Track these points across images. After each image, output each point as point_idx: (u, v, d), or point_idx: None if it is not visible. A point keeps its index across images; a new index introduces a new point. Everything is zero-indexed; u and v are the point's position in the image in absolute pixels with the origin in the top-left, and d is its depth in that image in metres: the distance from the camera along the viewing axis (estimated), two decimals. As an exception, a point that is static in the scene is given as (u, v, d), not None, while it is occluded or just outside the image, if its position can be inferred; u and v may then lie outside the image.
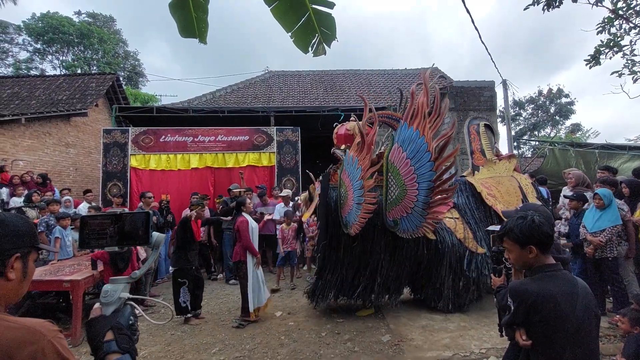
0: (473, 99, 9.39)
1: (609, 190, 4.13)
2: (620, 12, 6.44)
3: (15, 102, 11.12)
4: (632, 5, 6.37)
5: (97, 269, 4.42)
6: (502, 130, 14.57)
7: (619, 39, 6.59)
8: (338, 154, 4.59)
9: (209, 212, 6.80)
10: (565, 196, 5.00)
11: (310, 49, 2.24)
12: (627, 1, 6.34)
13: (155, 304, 5.06)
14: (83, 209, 6.62)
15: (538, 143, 17.25)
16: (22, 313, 4.17)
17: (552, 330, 1.44)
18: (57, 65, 24.00)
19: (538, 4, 6.33)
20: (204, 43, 2.27)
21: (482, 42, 5.14)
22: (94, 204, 6.91)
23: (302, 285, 6.03)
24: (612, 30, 6.57)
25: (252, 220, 4.59)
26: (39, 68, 23.60)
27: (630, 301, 3.34)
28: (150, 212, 1.37)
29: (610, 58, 6.76)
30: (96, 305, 1.16)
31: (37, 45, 23.41)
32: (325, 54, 2.27)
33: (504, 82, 11.19)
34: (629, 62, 6.78)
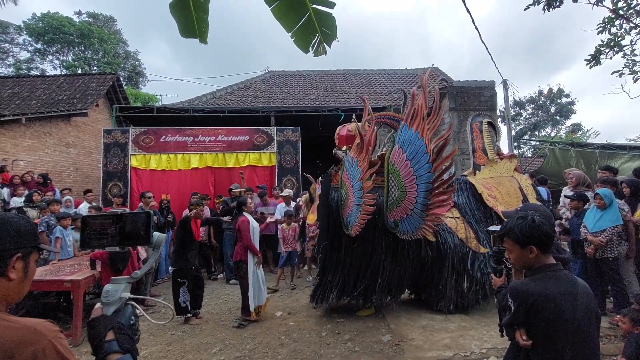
0: (473, 99, 9.38)
1: (610, 190, 4.12)
2: (621, 11, 6.44)
3: (15, 102, 11.13)
4: (632, 5, 6.37)
5: (97, 269, 4.43)
6: (502, 130, 14.55)
7: (620, 38, 6.60)
8: (339, 154, 4.59)
9: (209, 212, 6.81)
10: (566, 196, 4.99)
11: (310, 48, 2.24)
12: (627, 1, 6.34)
13: (156, 303, 5.06)
14: (83, 209, 6.63)
15: (538, 143, 17.25)
16: (23, 313, 4.17)
17: (552, 330, 1.44)
18: (57, 65, 24.06)
19: (538, 4, 6.33)
20: (205, 43, 2.27)
21: (483, 42, 5.15)
22: (95, 204, 6.92)
23: (302, 285, 6.04)
24: (613, 30, 6.58)
25: (253, 220, 4.60)
26: (40, 68, 23.68)
27: (631, 301, 3.33)
28: (151, 212, 1.37)
29: (611, 58, 6.77)
30: (97, 305, 1.16)
31: (38, 46, 23.45)
32: (326, 53, 2.27)
33: (504, 82, 11.18)
34: (630, 61, 6.78)
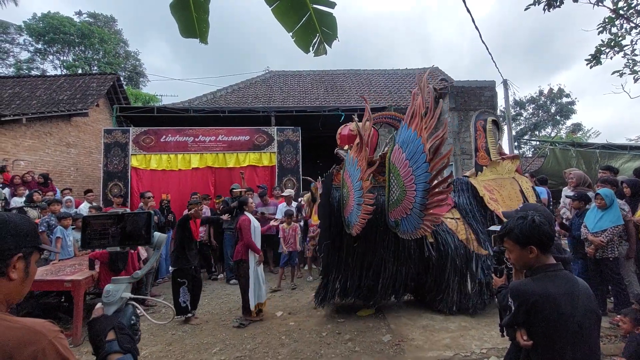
0: (474, 99, 9.38)
1: (611, 190, 4.11)
2: (621, 11, 6.44)
3: (16, 102, 11.14)
4: (632, 5, 6.37)
5: (95, 269, 4.43)
6: (504, 129, 14.53)
7: (620, 38, 6.60)
8: (341, 154, 4.59)
9: (209, 211, 6.81)
10: (568, 196, 4.99)
11: (311, 48, 2.25)
12: (628, 1, 6.33)
13: (156, 303, 5.07)
14: (84, 209, 6.63)
15: (539, 143, 17.23)
16: (24, 313, 4.18)
17: (553, 330, 1.44)
18: (58, 65, 24.06)
19: (539, 4, 6.33)
20: (205, 43, 2.27)
21: (483, 42, 5.15)
22: (95, 204, 6.92)
23: (302, 285, 6.04)
24: (613, 30, 6.58)
25: (254, 220, 4.60)
26: (40, 68, 23.70)
27: (631, 301, 3.33)
28: (152, 212, 1.37)
29: (611, 58, 6.77)
30: (98, 305, 1.16)
31: (38, 46, 23.47)
32: (326, 53, 2.27)
33: (504, 82, 11.18)
34: (630, 61, 6.78)
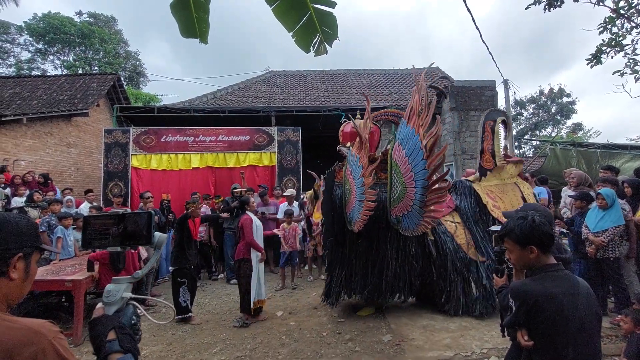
0: (474, 99, 9.38)
1: (612, 190, 4.10)
2: (622, 11, 6.43)
3: (16, 102, 11.14)
4: (633, 5, 6.36)
5: (95, 271, 4.41)
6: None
7: (621, 38, 6.59)
8: (343, 151, 4.59)
9: (209, 211, 6.81)
10: (570, 196, 4.98)
11: (311, 48, 2.24)
12: (628, 0, 6.32)
13: (157, 303, 5.07)
14: (84, 208, 6.63)
15: (539, 143, 17.22)
16: (25, 314, 4.18)
17: (553, 330, 1.43)
18: (58, 65, 24.07)
19: (539, 4, 6.32)
20: (205, 43, 2.27)
21: (483, 41, 5.14)
22: (95, 204, 6.92)
23: (302, 285, 6.04)
24: (614, 29, 6.57)
25: (256, 219, 4.60)
26: (41, 68, 23.70)
27: (632, 301, 3.33)
28: (152, 212, 1.37)
29: (612, 57, 6.77)
30: (99, 305, 1.16)
31: (39, 46, 23.48)
32: (327, 53, 2.27)
33: (505, 82, 11.15)
34: (631, 61, 6.78)
